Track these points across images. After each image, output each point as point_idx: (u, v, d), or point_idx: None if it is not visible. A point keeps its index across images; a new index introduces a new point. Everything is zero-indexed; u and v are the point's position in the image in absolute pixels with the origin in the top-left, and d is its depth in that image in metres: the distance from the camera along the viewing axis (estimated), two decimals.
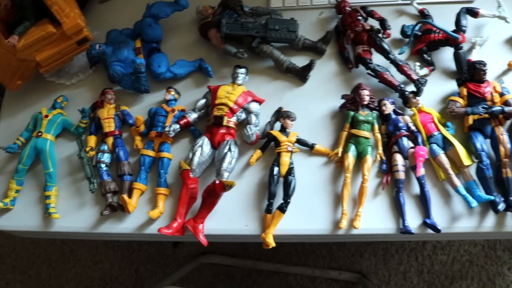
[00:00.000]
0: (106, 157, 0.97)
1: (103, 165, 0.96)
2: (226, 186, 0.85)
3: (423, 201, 0.88)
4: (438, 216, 0.87)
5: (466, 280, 1.59)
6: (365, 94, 0.95)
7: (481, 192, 0.86)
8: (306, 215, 0.90)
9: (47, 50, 0.97)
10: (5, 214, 0.98)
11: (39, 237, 1.00)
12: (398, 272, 1.64)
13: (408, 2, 1.09)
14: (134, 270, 1.84)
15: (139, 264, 1.84)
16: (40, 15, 0.95)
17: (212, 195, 0.87)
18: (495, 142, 0.90)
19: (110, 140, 0.99)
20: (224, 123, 0.94)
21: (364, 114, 0.94)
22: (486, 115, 0.91)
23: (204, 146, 0.93)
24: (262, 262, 1.71)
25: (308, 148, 0.95)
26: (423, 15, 1.07)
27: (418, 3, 1.08)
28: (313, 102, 1.02)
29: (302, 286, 1.68)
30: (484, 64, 0.93)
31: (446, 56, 1.04)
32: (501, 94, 0.93)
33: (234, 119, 0.96)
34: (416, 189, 0.90)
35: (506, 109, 0.90)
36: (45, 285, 1.86)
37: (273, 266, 1.69)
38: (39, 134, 0.99)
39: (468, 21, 1.02)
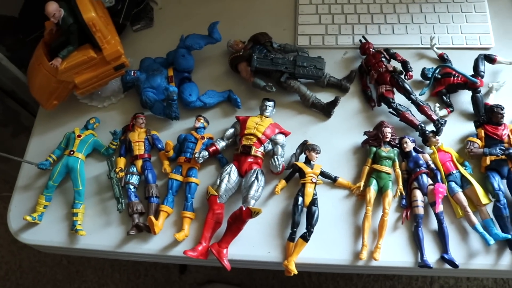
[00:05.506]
0: (134, 179, 1.01)
1: (131, 186, 1.00)
2: (253, 213, 0.88)
3: (441, 237, 0.91)
4: (455, 252, 0.90)
5: None
6: (388, 131, 0.99)
7: (498, 231, 0.89)
8: (327, 245, 0.93)
9: (86, 73, 1.02)
10: (32, 228, 1.00)
11: (62, 253, 1.02)
12: None
13: (429, 46, 1.14)
14: None
15: None
16: (82, 40, 0.99)
17: (238, 221, 0.90)
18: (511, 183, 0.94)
19: (139, 162, 1.02)
20: (252, 152, 0.98)
21: (386, 151, 0.98)
22: (503, 157, 0.95)
23: (231, 174, 0.96)
24: None
25: (331, 180, 0.99)
26: (442, 59, 1.12)
27: (438, 48, 1.13)
28: (336, 137, 1.06)
29: None
30: (502, 108, 0.98)
31: (464, 99, 1.08)
32: None
33: (261, 149, 1.00)
34: (433, 225, 0.93)
35: None
36: None
37: None
38: (71, 152, 1.02)
39: (486, 67, 1.07)
